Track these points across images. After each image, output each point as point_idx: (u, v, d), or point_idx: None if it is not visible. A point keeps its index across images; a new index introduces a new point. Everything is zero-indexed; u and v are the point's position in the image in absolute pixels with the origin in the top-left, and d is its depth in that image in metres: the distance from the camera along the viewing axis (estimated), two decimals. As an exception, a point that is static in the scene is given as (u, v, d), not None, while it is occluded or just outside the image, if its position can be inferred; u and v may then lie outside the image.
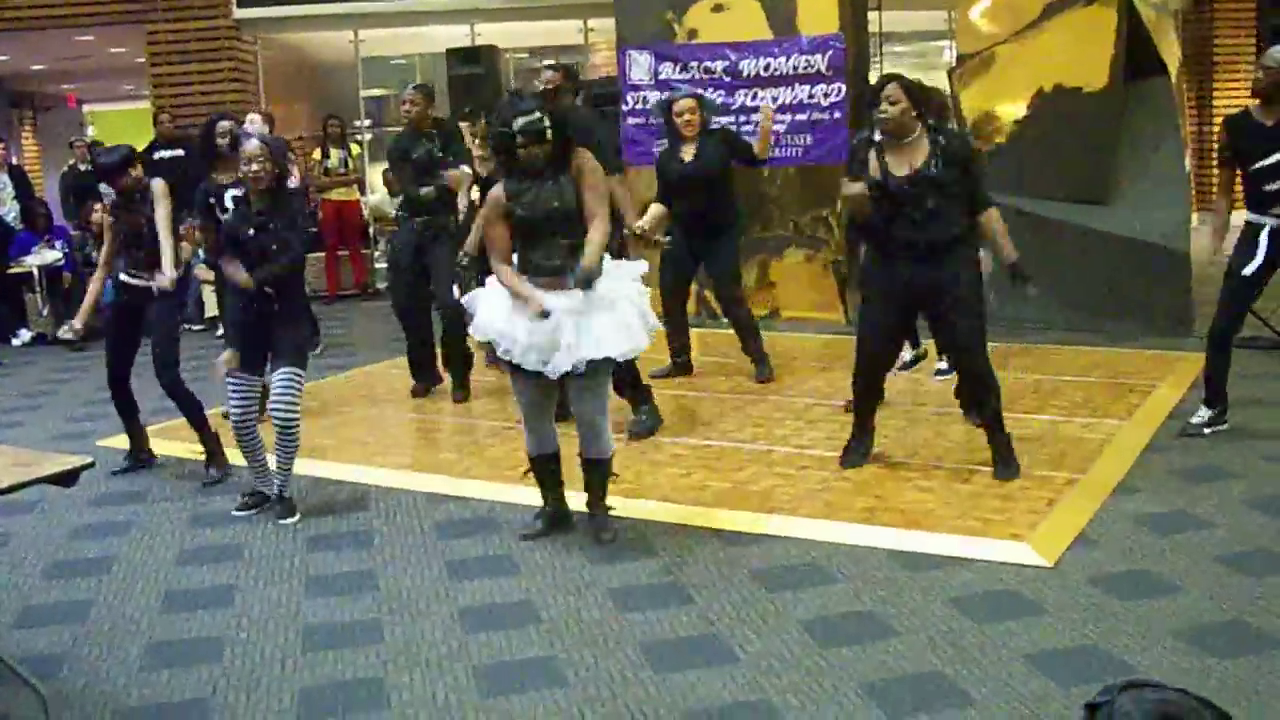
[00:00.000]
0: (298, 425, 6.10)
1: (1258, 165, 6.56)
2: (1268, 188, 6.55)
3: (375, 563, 5.52)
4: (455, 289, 7.91)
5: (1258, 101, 6.59)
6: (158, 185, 6.77)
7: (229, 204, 7.81)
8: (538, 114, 5.29)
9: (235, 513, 6.27)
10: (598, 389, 5.48)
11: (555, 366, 5.27)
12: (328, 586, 5.26)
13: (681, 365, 8.84)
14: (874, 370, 6.50)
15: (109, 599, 5.23)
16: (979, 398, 6.29)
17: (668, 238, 7.74)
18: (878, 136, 6.04)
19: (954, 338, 6.25)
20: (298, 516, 6.12)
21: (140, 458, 7.21)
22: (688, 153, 8.32)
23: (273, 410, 6.06)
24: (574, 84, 7.34)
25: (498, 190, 5.45)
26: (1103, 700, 2.11)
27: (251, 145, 6.07)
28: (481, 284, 5.77)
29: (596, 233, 5.33)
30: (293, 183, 6.96)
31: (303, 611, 5.01)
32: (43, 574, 5.57)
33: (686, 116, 8.27)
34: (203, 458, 6.95)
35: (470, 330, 5.67)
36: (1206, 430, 6.83)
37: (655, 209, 7.85)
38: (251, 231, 6.10)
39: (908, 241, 6.01)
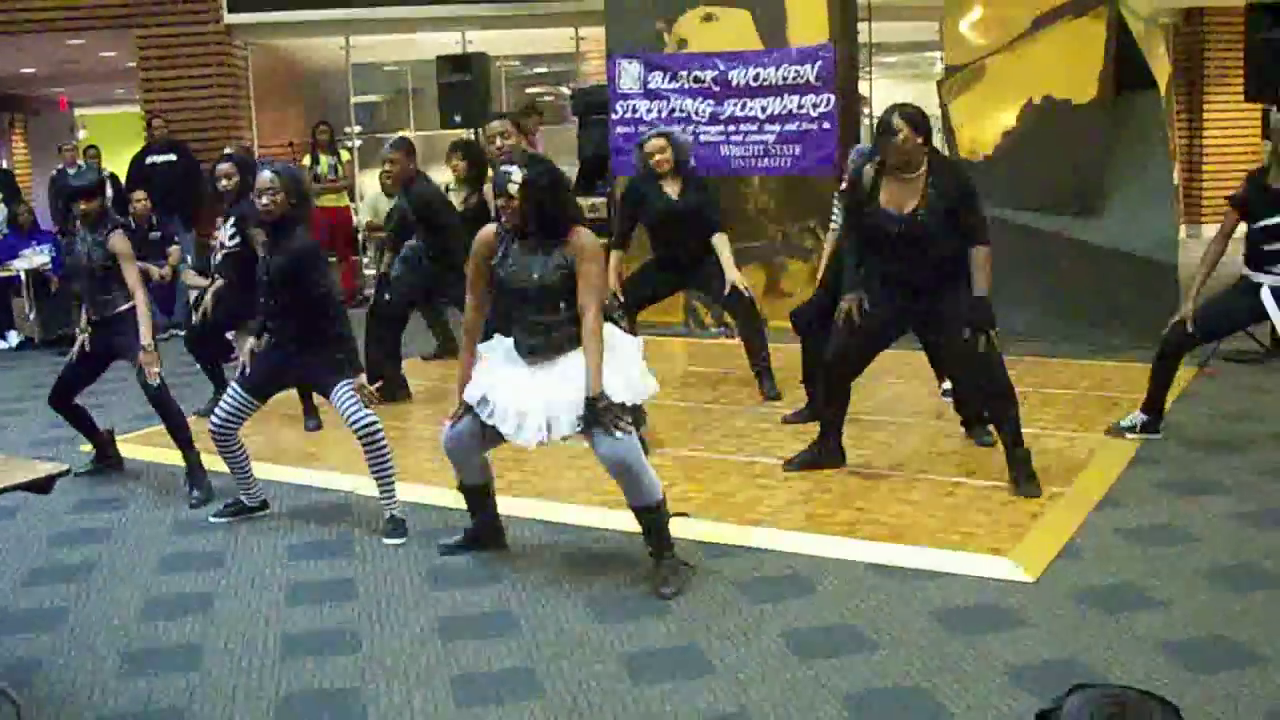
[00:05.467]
0: (380, 429, 5.84)
1: (1260, 224, 6.65)
2: (1267, 248, 6.64)
3: (356, 571, 5.49)
4: None
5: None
6: (118, 242, 6.65)
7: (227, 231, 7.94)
8: (515, 169, 5.01)
9: (212, 519, 6.24)
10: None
11: (526, 438, 5.02)
12: (308, 594, 5.24)
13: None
14: (841, 379, 6.49)
15: (88, 606, 5.20)
16: (1000, 413, 6.22)
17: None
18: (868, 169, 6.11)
19: (972, 360, 6.08)
20: (405, 539, 5.85)
21: (107, 459, 7.26)
22: (672, 189, 8.15)
23: (351, 423, 5.83)
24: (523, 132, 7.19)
25: (489, 230, 5.22)
26: (1052, 707, 2.11)
27: (263, 176, 5.90)
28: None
29: (593, 345, 4.92)
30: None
31: (283, 619, 4.98)
32: (21, 580, 5.54)
33: (657, 156, 8.08)
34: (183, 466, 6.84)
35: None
36: (1129, 435, 6.99)
37: (614, 258, 7.95)
38: (266, 274, 6.01)
39: (902, 277, 6.04)
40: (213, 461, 6.53)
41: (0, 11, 14.52)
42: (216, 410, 6.09)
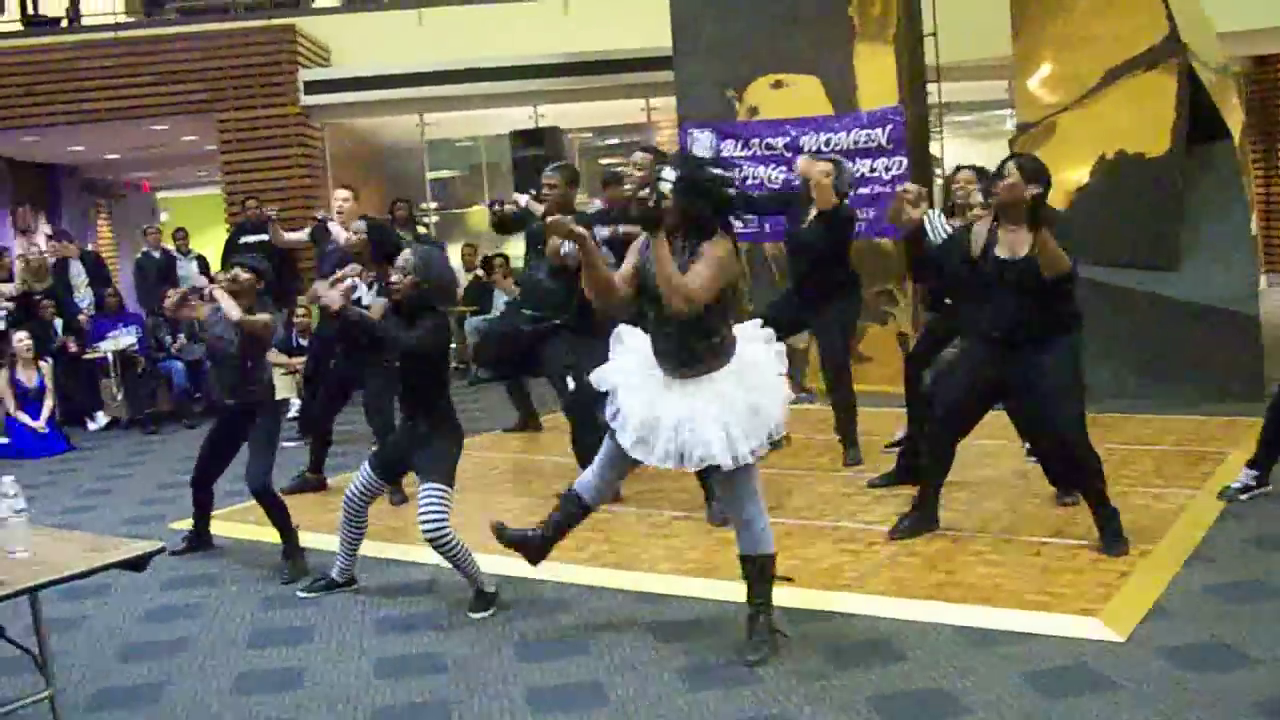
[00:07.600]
0: (450, 538, 5.84)
1: None
2: None
3: (444, 644, 5.54)
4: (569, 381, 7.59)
5: None
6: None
7: (361, 292, 7.98)
8: (668, 168, 5.01)
9: (300, 594, 6.32)
10: (738, 478, 5.03)
11: (649, 458, 5.07)
12: (397, 667, 5.28)
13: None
14: (950, 437, 6.45)
15: (181, 681, 5.27)
16: (1083, 477, 6.21)
17: None
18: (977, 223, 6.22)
19: (1055, 428, 6.17)
20: (491, 611, 5.89)
21: (200, 542, 7.34)
22: (808, 217, 8.07)
23: (421, 529, 5.87)
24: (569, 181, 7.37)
25: (642, 239, 5.11)
26: None
27: (401, 257, 5.94)
28: None
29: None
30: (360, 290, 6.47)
31: (372, 692, 5.02)
32: (116, 656, 5.63)
33: (820, 180, 7.88)
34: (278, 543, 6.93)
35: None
36: (1243, 496, 6.82)
37: None
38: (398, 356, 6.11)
39: (1004, 328, 6.07)
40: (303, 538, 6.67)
41: (88, 101, 14.94)
42: (351, 486, 6.14)
